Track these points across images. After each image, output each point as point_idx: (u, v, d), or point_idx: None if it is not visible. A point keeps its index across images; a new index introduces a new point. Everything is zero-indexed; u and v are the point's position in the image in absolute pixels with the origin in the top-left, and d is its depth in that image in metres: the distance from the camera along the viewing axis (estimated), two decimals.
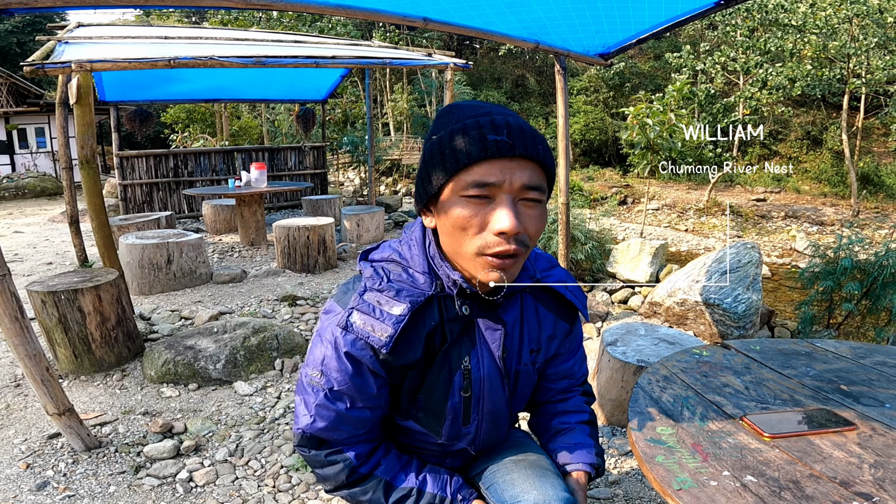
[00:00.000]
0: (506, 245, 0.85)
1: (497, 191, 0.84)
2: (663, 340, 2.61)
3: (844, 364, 1.43)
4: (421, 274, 0.96)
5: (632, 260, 5.58)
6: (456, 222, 0.87)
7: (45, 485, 2.07)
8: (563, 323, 1.10)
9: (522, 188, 0.85)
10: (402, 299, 0.92)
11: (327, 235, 5.31)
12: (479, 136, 0.84)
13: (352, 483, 1.01)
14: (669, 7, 2.74)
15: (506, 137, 0.84)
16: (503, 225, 0.83)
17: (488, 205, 0.85)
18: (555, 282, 1.07)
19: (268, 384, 2.95)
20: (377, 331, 0.91)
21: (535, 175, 0.87)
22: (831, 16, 12.47)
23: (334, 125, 13.26)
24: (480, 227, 0.86)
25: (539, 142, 0.87)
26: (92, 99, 3.51)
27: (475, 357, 0.99)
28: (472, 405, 1.02)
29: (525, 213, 0.87)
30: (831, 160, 16.08)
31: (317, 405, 0.96)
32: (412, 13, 2.66)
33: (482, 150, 0.83)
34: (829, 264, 3.84)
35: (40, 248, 6.73)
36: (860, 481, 0.90)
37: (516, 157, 0.85)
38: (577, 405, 1.18)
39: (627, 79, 19.98)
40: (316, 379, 0.96)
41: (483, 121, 0.86)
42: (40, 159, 17.39)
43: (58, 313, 2.86)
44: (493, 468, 1.11)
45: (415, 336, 0.94)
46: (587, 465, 1.08)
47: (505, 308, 1.01)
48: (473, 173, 0.84)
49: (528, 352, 1.05)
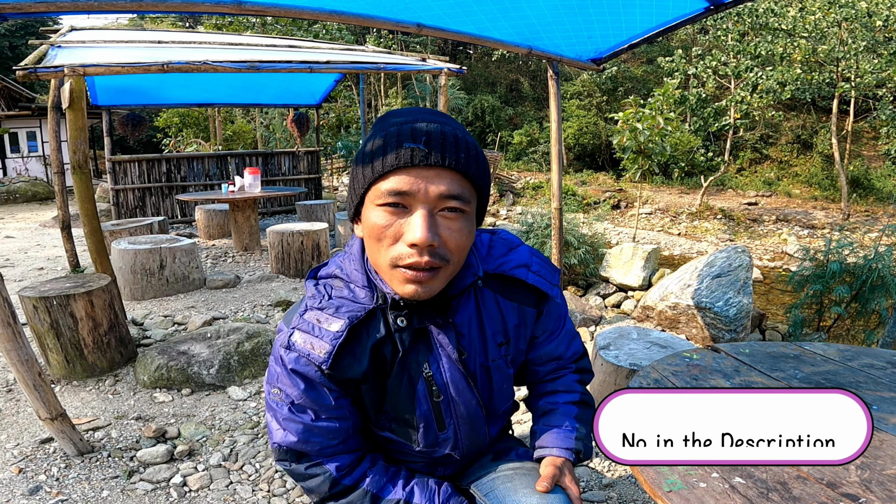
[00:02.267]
0: (418, 257, 0.82)
1: (412, 200, 0.82)
2: (655, 344, 2.63)
3: (832, 366, 1.44)
4: (361, 288, 0.95)
5: (624, 264, 5.61)
6: (371, 232, 0.85)
7: (37, 489, 2.06)
8: (528, 309, 1.05)
9: (440, 198, 0.82)
10: (342, 315, 0.93)
11: (321, 241, 5.31)
12: (396, 144, 0.82)
13: (336, 494, 1.00)
14: (660, 12, 2.77)
15: (422, 146, 0.81)
16: (413, 236, 0.81)
17: (404, 214, 0.83)
18: (514, 266, 1.02)
19: (261, 389, 2.95)
20: (316, 348, 0.91)
21: (456, 184, 0.83)
22: (820, 20, 12.59)
23: (328, 130, 13.26)
24: (394, 238, 0.84)
25: (463, 149, 0.84)
26: (84, 103, 3.50)
27: (434, 363, 0.97)
28: (444, 410, 1.00)
29: (444, 226, 0.84)
30: (821, 164, 16.22)
31: (284, 419, 0.97)
32: (406, 19, 2.68)
33: (396, 159, 0.81)
34: (819, 268, 3.88)
35: (31, 253, 6.68)
36: (847, 482, 0.91)
37: (433, 167, 0.82)
38: (567, 384, 1.15)
39: (620, 83, 20.10)
40: (277, 395, 0.97)
41: (404, 128, 0.84)
42: (32, 163, 17.28)
43: (50, 319, 2.85)
44: (491, 476, 1.09)
45: (359, 349, 0.94)
46: (564, 449, 1.04)
47: (455, 309, 0.97)
48: (389, 181, 0.82)
49: (494, 346, 1.02)
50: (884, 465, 0.96)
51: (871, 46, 12.72)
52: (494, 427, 1.15)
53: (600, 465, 2.30)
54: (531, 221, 6.16)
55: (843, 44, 12.67)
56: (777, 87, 13.27)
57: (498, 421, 1.15)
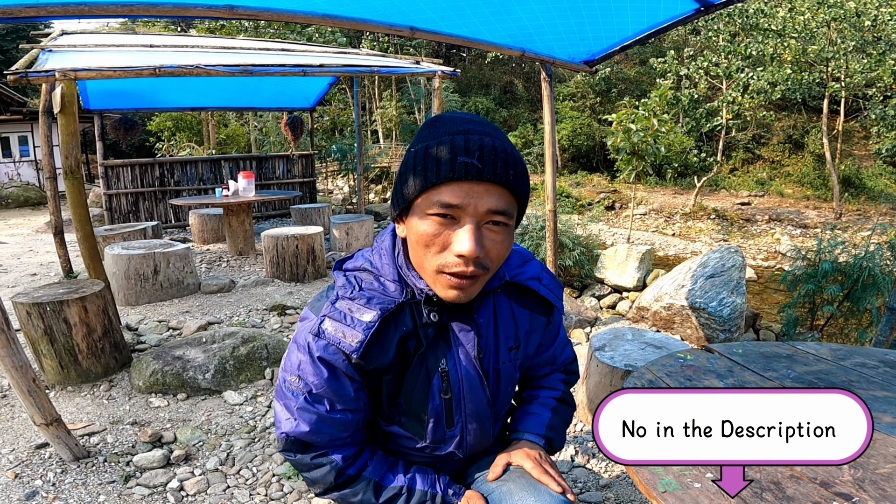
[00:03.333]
0: (464, 267, 0.87)
1: (462, 213, 0.85)
2: (650, 345, 2.64)
3: (825, 366, 1.46)
4: (391, 282, 0.98)
5: (619, 265, 5.63)
6: (420, 238, 0.88)
7: (34, 494, 2.05)
8: (539, 317, 1.11)
9: (488, 213, 0.86)
10: (373, 307, 0.95)
11: (316, 244, 5.30)
12: (450, 157, 0.84)
13: (340, 485, 1.02)
14: (651, 14, 2.79)
15: (475, 161, 0.84)
16: (463, 248, 0.85)
17: (453, 225, 0.86)
18: (528, 278, 1.08)
19: (258, 393, 2.94)
20: (348, 337, 0.94)
21: (503, 200, 0.87)
22: (810, 20, 12.69)
23: (323, 133, 13.24)
24: (442, 247, 0.87)
25: (511, 165, 0.87)
26: (76, 108, 3.49)
27: (452, 360, 1.01)
28: (454, 407, 1.03)
29: (489, 237, 0.88)
30: (813, 163, 16.33)
31: (298, 408, 0.99)
32: (399, 22, 2.69)
33: (450, 172, 0.84)
34: (811, 267, 3.91)
35: (24, 258, 6.64)
36: (840, 481, 0.92)
37: (484, 182, 0.85)
38: (551, 382, 1.21)
39: (614, 84, 20.18)
40: (294, 384, 0.98)
41: (457, 139, 0.86)
42: (23, 168, 17.15)
43: (43, 325, 2.83)
44: (486, 477, 1.11)
45: (387, 341, 0.97)
46: (534, 434, 1.09)
47: (477, 310, 1.02)
48: (441, 193, 0.85)
49: (506, 350, 1.07)
50: (877, 465, 0.97)
51: (859, 46, 12.82)
52: (496, 426, 1.17)
53: (597, 465, 2.31)
54: (526, 223, 6.17)
55: (833, 44, 12.76)
56: (768, 87, 13.35)
57: (498, 423, 1.18)
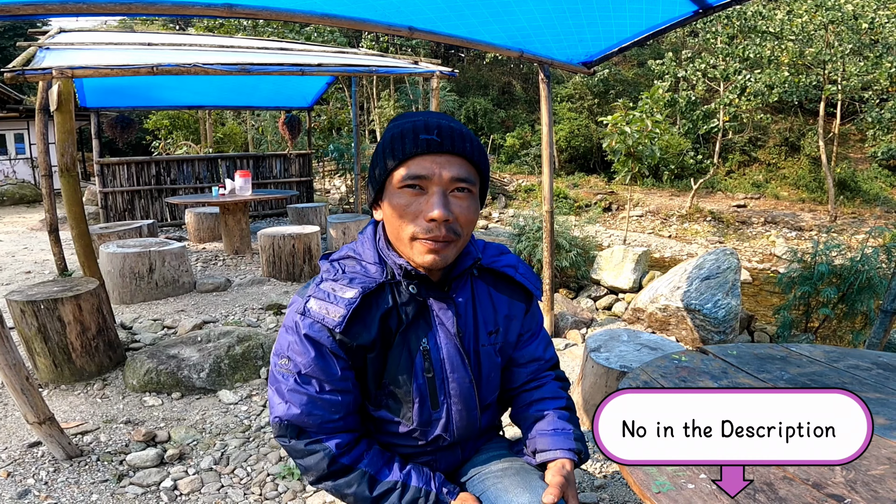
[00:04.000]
0: (437, 231, 0.96)
1: (429, 183, 0.96)
2: (646, 346, 2.64)
3: (818, 368, 1.46)
4: (372, 264, 1.06)
5: (615, 267, 5.64)
6: (395, 211, 0.99)
7: (26, 493, 2.04)
8: (518, 303, 1.17)
9: (452, 180, 0.97)
10: (355, 285, 1.02)
11: (313, 244, 5.30)
12: (413, 136, 0.97)
13: (334, 473, 1.03)
14: (649, 16, 2.80)
15: (435, 136, 0.97)
16: (433, 212, 0.95)
17: (422, 195, 0.97)
18: (504, 265, 1.16)
19: (253, 393, 2.93)
20: (331, 313, 1.00)
21: (464, 169, 0.99)
22: (807, 22, 12.72)
23: (320, 132, 13.21)
24: (415, 215, 0.97)
25: (468, 140, 1.00)
26: (73, 106, 3.47)
27: (433, 339, 1.06)
28: (438, 386, 1.07)
29: (455, 203, 0.98)
30: (809, 166, 16.37)
31: (289, 390, 1.02)
32: (398, 22, 2.69)
33: (414, 147, 0.96)
34: (806, 270, 3.92)
35: (19, 256, 6.61)
36: (832, 483, 0.92)
37: (444, 153, 0.97)
38: (553, 391, 1.21)
39: (612, 86, 20.19)
40: (284, 365, 1.03)
41: (418, 123, 0.99)
42: (19, 166, 17.07)
43: (37, 323, 2.82)
44: (482, 476, 1.13)
45: (368, 318, 1.02)
46: (567, 451, 1.08)
47: (455, 289, 1.08)
48: (409, 167, 0.97)
49: (485, 333, 1.12)
50: (869, 466, 0.97)
51: (857, 49, 12.87)
52: (484, 416, 1.18)
53: (592, 466, 2.31)
54: (523, 224, 6.17)
55: (830, 46, 12.80)
56: (765, 89, 13.38)
57: (486, 411, 1.19)
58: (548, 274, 3.74)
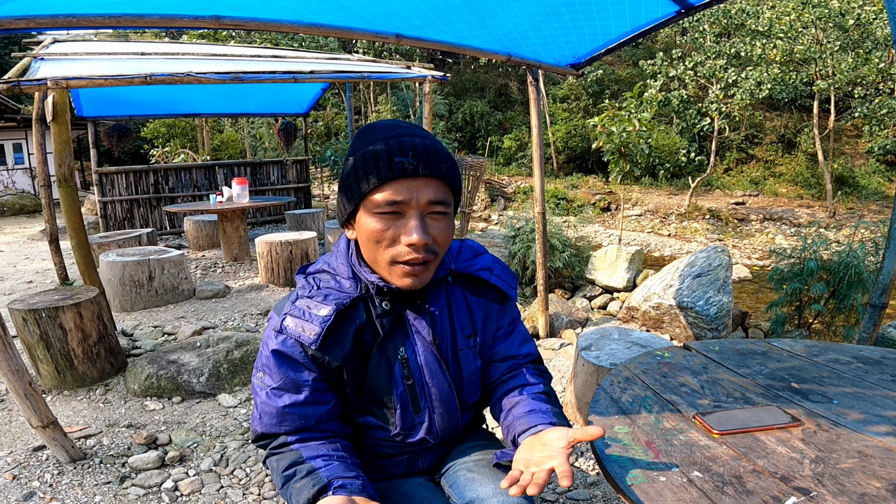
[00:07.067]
0: (415, 254, 0.96)
1: (406, 207, 0.95)
2: (636, 344, 2.68)
3: (798, 362, 1.48)
4: (346, 279, 1.07)
5: (609, 266, 5.67)
6: (370, 236, 0.98)
7: (31, 495, 2.09)
8: (493, 304, 1.18)
9: (428, 203, 0.96)
10: (329, 302, 1.03)
11: (310, 250, 5.34)
12: (388, 159, 0.94)
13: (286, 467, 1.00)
14: (633, 17, 2.84)
15: (411, 159, 0.94)
16: (412, 238, 0.94)
17: (399, 219, 0.96)
18: (478, 269, 1.16)
19: (251, 396, 2.97)
20: (307, 331, 1.01)
21: (441, 191, 0.98)
22: (795, 20, 12.77)
23: (317, 138, 13.25)
24: (393, 240, 0.97)
25: (443, 160, 0.98)
26: (68, 116, 3.52)
27: (410, 347, 1.08)
28: (418, 392, 1.09)
29: (432, 225, 0.98)
30: (806, 163, 16.38)
31: (261, 403, 1.05)
32: (385, 30, 2.73)
33: (390, 171, 0.94)
34: (796, 266, 3.95)
35: (20, 266, 6.66)
36: (800, 476, 0.93)
37: (421, 177, 0.95)
38: (527, 379, 1.17)
39: (606, 86, 20.21)
40: (261, 379, 1.06)
41: (391, 143, 0.96)
42: (18, 176, 17.12)
43: (39, 330, 2.86)
44: (456, 468, 1.16)
45: (342, 333, 1.04)
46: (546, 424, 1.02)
47: (429, 298, 1.09)
48: (384, 192, 0.95)
49: (462, 337, 1.13)
50: (838, 460, 0.98)
51: (844, 46, 12.90)
52: (466, 415, 1.21)
53: (584, 463, 2.34)
54: (518, 226, 6.21)
55: (818, 43, 12.84)
56: (755, 86, 13.41)
57: (467, 411, 1.21)
58: (541, 275, 3.78)
